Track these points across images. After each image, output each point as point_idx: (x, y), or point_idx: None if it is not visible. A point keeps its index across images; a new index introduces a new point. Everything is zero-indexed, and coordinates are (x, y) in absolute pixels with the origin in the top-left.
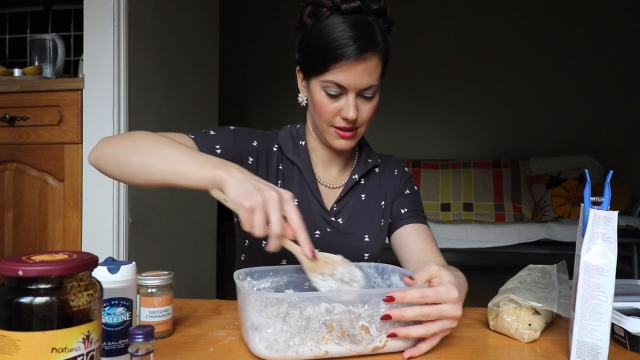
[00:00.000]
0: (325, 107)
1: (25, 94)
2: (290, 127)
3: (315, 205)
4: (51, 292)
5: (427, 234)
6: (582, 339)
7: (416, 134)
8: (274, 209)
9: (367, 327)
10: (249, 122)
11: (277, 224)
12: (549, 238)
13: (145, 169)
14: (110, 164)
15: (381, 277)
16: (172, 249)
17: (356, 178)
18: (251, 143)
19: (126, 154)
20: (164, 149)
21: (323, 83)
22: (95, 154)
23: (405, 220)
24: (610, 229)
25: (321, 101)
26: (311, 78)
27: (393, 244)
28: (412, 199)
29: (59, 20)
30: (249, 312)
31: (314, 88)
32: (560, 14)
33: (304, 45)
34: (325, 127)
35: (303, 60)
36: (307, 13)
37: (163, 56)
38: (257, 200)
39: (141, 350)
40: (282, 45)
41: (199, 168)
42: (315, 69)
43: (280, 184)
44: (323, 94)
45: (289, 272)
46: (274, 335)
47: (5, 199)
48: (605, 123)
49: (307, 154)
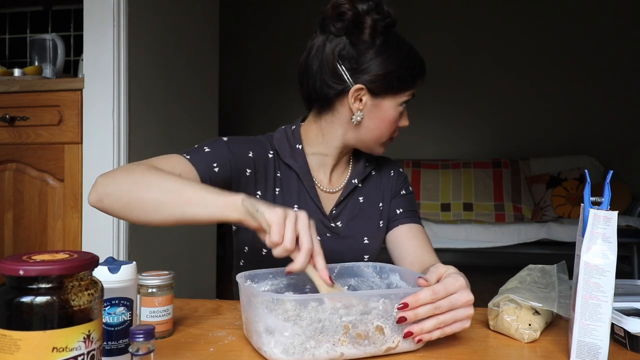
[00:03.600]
0: (395, 123)
1: (25, 94)
2: (285, 129)
3: (315, 210)
4: (52, 292)
5: (422, 234)
6: (582, 339)
7: (416, 134)
8: (305, 227)
9: (381, 328)
10: (249, 122)
11: (310, 240)
12: (549, 238)
13: (159, 205)
14: (118, 204)
15: (380, 277)
16: (172, 249)
17: (356, 182)
18: (247, 154)
19: (135, 190)
20: (174, 182)
21: (406, 97)
22: (97, 195)
23: (400, 220)
24: (610, 229)
25: (392, 119)
26: (387, 96)
27: (387, 243)
28: (408, 199)
29: (59, 20)
30: (263, 316)
31: (388, 106)
32: (561, 14)
33: (383, 65)
34: (386, 140)
35: (379, 79)
36: (379, 30)
37: (163, 56)
38: (291, 215)
39: (142, 350)
40: (282, 46)
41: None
42: (399, 87)
43: (278, 191)
44: (399, 110)
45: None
46: (290, 338)
47: (5, 199)
48: (605, 123)
49: (304, 158)
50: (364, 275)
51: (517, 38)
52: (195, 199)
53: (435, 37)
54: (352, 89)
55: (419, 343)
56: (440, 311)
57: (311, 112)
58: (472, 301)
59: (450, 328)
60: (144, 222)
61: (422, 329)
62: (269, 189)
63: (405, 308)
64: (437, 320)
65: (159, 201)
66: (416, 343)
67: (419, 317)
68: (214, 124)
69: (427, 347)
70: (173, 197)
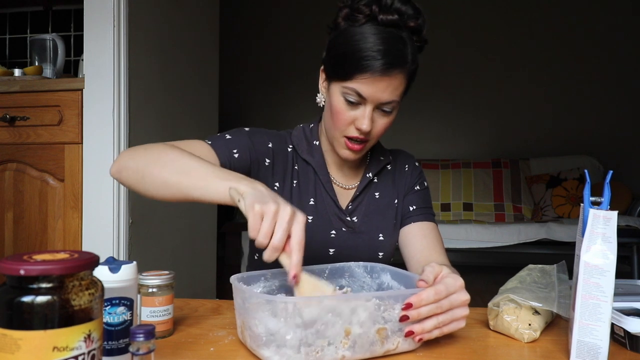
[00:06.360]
0: (341, 113)
1: (25, 94)
2: (304, 127)
3: (331, 204)
4: (52, 291)
5: (434, 232)
6: (582, 339)
7: (416, 134)
8: (282, 222)
9: (382, 330)
10: (249, 122)
11: (280, 236)
12: (549, 238)
13: (168, 183)
14: (133, 177)
15: (370, 277)
16: (172, 249)
17: (370, 176)
18: (267, 144)
19: (150, 167)
20: (187, 163)
21: (344, 89)
22: (117, 166)
23: (412, 218)
24: (610, 229)
25: (339, 107)
26: (333, 81)
27: (399, 240)
28: (421, 195)
29: (59, 20)
30: (264, 318)
31: (334, 92)
32: (561, 14)
33: (333, 47)
34: (337, 135)
35: (329, 62)
36: (342, 15)
37: (163, 56)
38: (270, 208)
39: (142, 350)
40: (283, 45)
41: (222, 181)
42: (339, 74)
43: (296, 184)
44: (342, 99)
45: (279, 275)
46: (292, 341)
47: (5, 199)
48: (605, 123)
49: (321, 154)
50: (355, 275)
51: (518, 38)
52: (201, 184)
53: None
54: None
55: (419, 342)
56: (441, 310)
57: None
58: (469, 301)
59: (448, 327)
60: (155, 197)
61: (423, 328)
62: (287, 181)
63: (409, 308)
64: (437, 320)
65: (168, 179)
66: (417, 342)
67: (422, 316)
68: (214, 124)
69: (427, 347)
70: (181, 178)
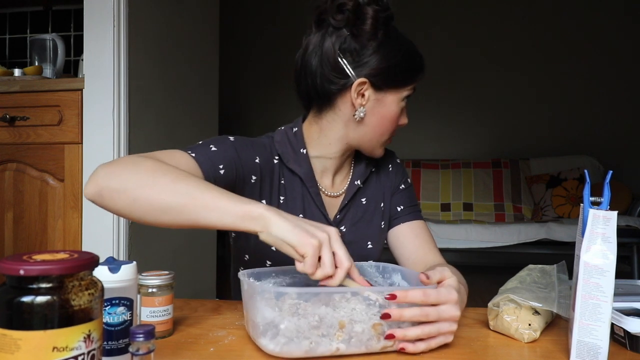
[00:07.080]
0: (396, 121)
1: (25, 94)
2: (286, 130)
3: (320, 218)
4: (52, 292)
5: (424, 231)
6: (582, 339)
7: (416, 134)
8: (327, 251)
9: (378, 326)
10: (249, 122)
11: (330, 266)
12: (549, 238)
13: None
14: (120, 200)
15: (382, 277)
16: (172, 249)
17: (358, 183)
18: (254, 159)
19: (143, 189)
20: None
21: (404, 93)
22: (94, 187)
23: (401, 219)
24: (610, 229)
25: (395, 114)
26: (390, 90)
27: (389, 242)
28: (407, 193)
29: (59, 20)
30: (261, 308)
31: (390, 101)
32: (561, 14)
33: (385, 58)
34: (385, 139)
35: (382, 72)
36: (381, 22)
37: (163, 56)
38: (314, 244)
39: (142, 350)
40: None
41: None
42: (398, 82)
43: (283, 200)
44: (400, 105)
45: (290, 273)
46: (286, 331)
47: (5, 199)
48: (605, 123)
49: (308, 163)
50: (367, 274)
51: (518, 38)
52: (212, 206)
53: (434, 36)
54: (355, 82)
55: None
56: (427, 319)
57: (310, 111)
58: (458, 318)
59: (435, 341)
60: (149, 223)
61: (404, 335)
62: (274, 198)
63: (393, 299)
64: (422, 330)
65: (170, 204)
66: (399, 350)
67: (403, 318)
68: (214, 124)
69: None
70: (187, 200)
